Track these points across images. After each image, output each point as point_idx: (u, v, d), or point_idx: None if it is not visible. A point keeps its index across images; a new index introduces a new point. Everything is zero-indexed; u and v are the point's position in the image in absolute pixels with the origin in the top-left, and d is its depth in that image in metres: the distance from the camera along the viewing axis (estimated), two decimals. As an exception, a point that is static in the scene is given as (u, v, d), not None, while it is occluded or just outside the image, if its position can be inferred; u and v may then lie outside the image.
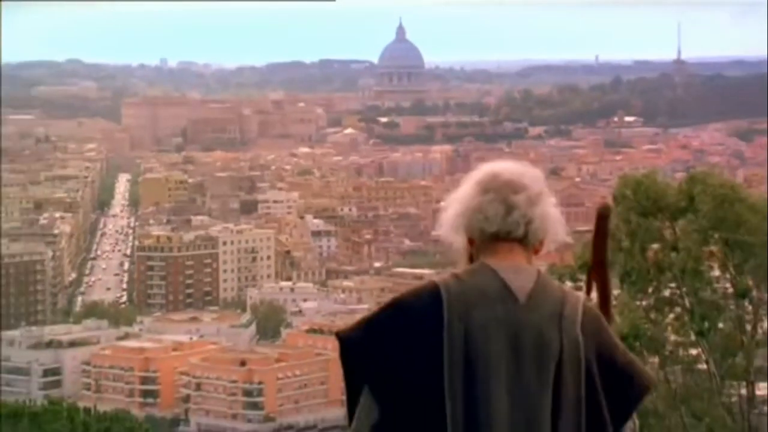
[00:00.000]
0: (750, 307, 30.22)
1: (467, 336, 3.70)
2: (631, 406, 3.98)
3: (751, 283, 30.18)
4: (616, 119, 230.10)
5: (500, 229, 3.87)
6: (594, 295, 4.50)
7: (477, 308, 3.75)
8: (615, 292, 30.98)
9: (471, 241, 3.92)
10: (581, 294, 4.05)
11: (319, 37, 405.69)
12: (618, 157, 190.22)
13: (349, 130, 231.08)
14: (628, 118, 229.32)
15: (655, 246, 30.39)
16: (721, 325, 30.06)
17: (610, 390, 3.86)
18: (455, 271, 3.88)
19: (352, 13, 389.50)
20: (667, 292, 30.27)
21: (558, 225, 3.98)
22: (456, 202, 3.93)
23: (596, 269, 4.44)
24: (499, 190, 3.86)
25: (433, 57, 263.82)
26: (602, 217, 4.77)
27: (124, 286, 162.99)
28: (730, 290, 30.31)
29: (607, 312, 4.24)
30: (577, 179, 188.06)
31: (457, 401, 3.67)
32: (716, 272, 30.47)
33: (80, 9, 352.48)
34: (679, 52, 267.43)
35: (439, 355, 3.68)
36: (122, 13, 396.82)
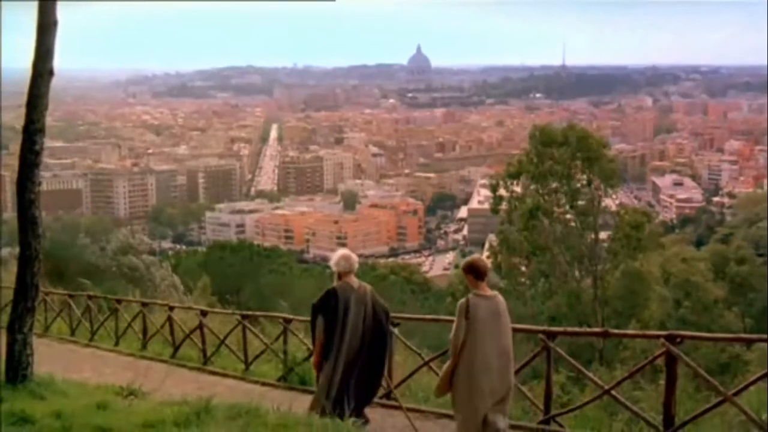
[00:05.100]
0: (596, 192, 30.46)
1: (344, 302, 6.51)
2: (388, 319, 6.74)
3: (598, 181, 30.38)
4: (531, 96, 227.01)
5: (346, 270, 6.65)
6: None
7: (345, 293, 6.54)
8: (533, 186, 31.10)
9: (339, 275, 6.68)
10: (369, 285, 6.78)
11: (378, 40, 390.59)
12: (532, 116, 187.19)
13: (391, 100, 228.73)
14: (537, 95, 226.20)
15: (549, 161, 30.54)
16: (581, 202, 30.31)
17: (380, 313, 6.65)
18: (338, 282, 6.62)
19: (398, 29, 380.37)
20: (554, 185, 30.47)
21: (356, 264, 6.80)
22: (334, 263, 6.71)
23: None
24: (344, 259, 6.78)
25: (436, 61, 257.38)
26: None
27: (276, 181, 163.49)
28: (585, 183, 30.51)
29: None
30: (511, 127, 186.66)
31: (339, 319, 6.52)
32: (580, 174, 30.66)
33: (254, 20, 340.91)
34: (564, 60, 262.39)
35: (336, 306, 6.51)
36: (274, 31, 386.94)
